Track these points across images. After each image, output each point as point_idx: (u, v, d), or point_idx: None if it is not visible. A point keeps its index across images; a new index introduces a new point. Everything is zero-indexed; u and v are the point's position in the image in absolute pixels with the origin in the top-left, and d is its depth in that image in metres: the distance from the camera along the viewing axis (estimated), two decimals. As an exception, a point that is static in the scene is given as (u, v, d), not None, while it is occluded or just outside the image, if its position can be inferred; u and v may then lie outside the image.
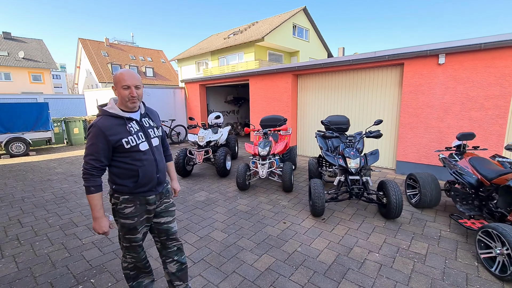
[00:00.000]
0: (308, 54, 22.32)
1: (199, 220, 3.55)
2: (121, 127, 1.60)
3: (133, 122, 1.67)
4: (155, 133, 1.79)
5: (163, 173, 1.81)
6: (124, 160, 1.63)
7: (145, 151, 1.68)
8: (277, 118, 5.29)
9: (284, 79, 6.92)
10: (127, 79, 1.58)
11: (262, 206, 3.98)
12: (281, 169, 4.55)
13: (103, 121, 1.57)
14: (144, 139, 1.68)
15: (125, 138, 1.59)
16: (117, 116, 1.62)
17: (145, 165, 1.67)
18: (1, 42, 26.86)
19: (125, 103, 1.62)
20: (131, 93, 1.60)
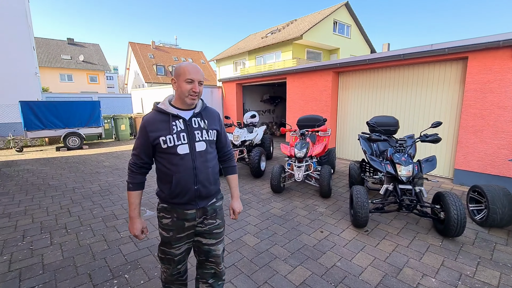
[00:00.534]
0: (349, 51, 21.19)
1: (231, 222, 3.45)
2: (164, 124, 1.45)
3: (179, 121, 1.48)
4: (202, 136, 1.52)
5: (205, 186, 1.52)
6: (162, 162, 1.48)
7: (183, 155, 1.45)
8: (316, 118, 4.98)
9: (324, 77, 6.55)
10: (192, 73, 1.42)
11: (297, 211, 3.75)
12: (319, 173, 4.25)
13: (150, 115, 1.48)
14: (185, 141, 1.46)
15: (163, 137, 1.43)
16: (164, 112, 1.48)
17: (181, 172, 1.46)
18: (65, 47, 30.38)
19: (183, 98, 1.46)
20: (194, 88, 1.44)
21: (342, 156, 6.82)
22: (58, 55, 28.77)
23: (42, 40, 29.02)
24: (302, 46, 18.73)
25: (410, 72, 5.28)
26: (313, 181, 4.40)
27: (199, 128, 1.53)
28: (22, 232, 3.18)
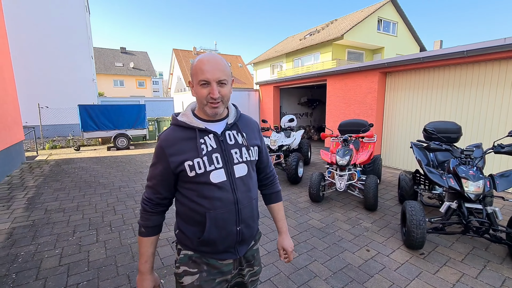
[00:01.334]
0: (395, 50, 19.71)
1: (267, 231, 3.29)
2: (189, 143, 1.04)
3: (209, 137, 1.06)
4: (242, 156, 1.10)
5: (249, 225, 1.12)
6: (189, 195, 1.06)
7: (219, 184, 1.04)
8: (360, 123, 4.60)
9: (369, 78, 6.07)
10: (206, 70, 0.99)
11: (338, 224, 3.44)
12: (363, 183, 3.88)
13: (168, 133, 1.07)
14: (220, 165, 1.05)
15: (189, 161, 1.02)
16: (187, 127, 1.07)
17: (217, 209, 1.04)
18: (119, 55, 33.46)
19: (202, 107, 1.05)
20: (211, 93, 1.00)
21: (388, 165, 6.24)
22: (112, 63, 31.81)
23: (99, 49, 32.35)
24: (343, 46, 17.93)
25: (475, 71, 4.59)
26: (357, 192, 4.04)
27: (237, 145, 1.11)
28: (73, 228, 3.41)
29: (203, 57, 1.02)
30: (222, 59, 1.04)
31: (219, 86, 1.01)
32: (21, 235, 3.19)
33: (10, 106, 6.53)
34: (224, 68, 1.03)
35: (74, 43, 13.83)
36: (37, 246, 2.94)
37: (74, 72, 13.81)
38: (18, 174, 6.08)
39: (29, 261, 2.65)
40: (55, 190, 4.90)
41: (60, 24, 13.33)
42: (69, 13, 13.63)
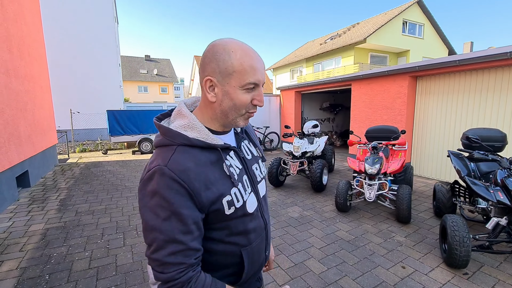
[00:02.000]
0: (422, 53, 18.91)
1: (292, 241, 3.17)
2: (215, 169, 0.76)
3: (230, 155, 0.82)
4: (261, 171, 0.94)
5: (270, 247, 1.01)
6: (217, 237, 0.79)
7: (254, 213, 0.85)
8: (390, 129, 4.37)
9: (398, 82, 5.80)
10: (259, 69, 0.73)
11: (369, 237, 3.25)
12: (395, 193, 3.66)
13: (178, 159, 0.70)
14: (250, 189, 0.85)
15: (227, 195, 0.75)
16: (205, 146, 0.75)
17: (252, 242, 0.84)
18: (143, 63, 34.94)
19: (231, 118, 0.78)
20: (258, 100, 0.76)
21: (419, 174, 5.88)
22: (137, 70, 33.25)
23: (126, 57, 33.97)
24: (365, 50, 17.47)
25: (518, 74, 4.23)
26: (387, 202, 3.81)
27: (254, 159, 0.92)
28: (102, 230, 3.49)
29: (244, 46, 0.73)
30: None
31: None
32: (54, 236, 3.31)
33: (46, 112, 6.95)
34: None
35: (103, 52, 14.60)
36: (68, 248, 3.03)
37: (103, 79, 14.54)
38: (52, 176, 6.41)
39: (61, 263, 2.73)
40: (85, 193, 5.09)
41: (91, 34, 14.14)
42: (100, 24, 14.43)
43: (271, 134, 9.93)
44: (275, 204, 4.41)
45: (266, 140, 9.78)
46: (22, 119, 5.15)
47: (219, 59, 0.71)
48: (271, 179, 5.14)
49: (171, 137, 0.74)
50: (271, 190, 5.13)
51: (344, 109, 11.20)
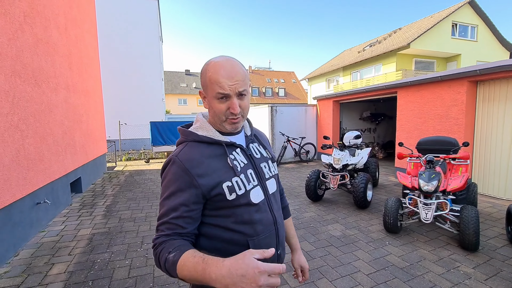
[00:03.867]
0: (475, 57, 17.12)
1: (336, 264, 2.88)
2: (219, 161, 0.89)
3: (236, 151, 0.94)
4: (270, 169, 1.03)
5: (284, 247, 1.02)
6: (223, 224, 0.88)
7: (260, 204, 0.92)
8: (448, 141, 3.86)
9: (454, 88, 5.19)
10: (224, 81, 0.82)
11: (427, 265, 2.81)
12: (457, 214, 3.16)
13: (188, 150, 0.88)
14: (256, 182, 0.93)
15: (227, 181, 0.86)
16: (212, 142, 0.91)
17: (259, 234, 0.90)
18: (183, 77, 37.20)
19: (219, 123, 0.91)
20: (231, 109, 0.85)
21: (484, 192, 5.10)
22: (178, 84, 35.46)
23: (168, 72, 36.49)
24: (409, 56, 16.36)
25: None
26: (448, 225, 3.30)
27: (264, 159, 1.02)
28: (141, 238, 3.56)
29: (217, 63, 0.85)
30: (239, 63, 0.88)
31: (239, 99, 0.87)
32: (99, 241, 3.46)
33: (98, 123, 7.59)
34: (244, 76, 0.86)
35: (149, 68, 15.81)
36: (111, 254, 3.12)
37: (147, 93, 15.68)
38: (100, 182, 6.90)
39: (104, 270, 2.79)
40: (128, 199, 5.34)
41: (139, 53, 15.45)
42: (146, 43, 15.72)
43: (307, 145, 9.61)
44: (314, 220, 4.13)
45: (302, 151, 9.48)
46: (78, 130, 5.65)
47: (201, 75, 0.89)
48: (309, 193, 4.87)
49: (185, 135, 0.94)
50: (309, 205, 4.84)
51: (386, 119, 10.46)
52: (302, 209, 4.61)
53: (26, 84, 3.59)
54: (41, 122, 3.98)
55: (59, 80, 4.78)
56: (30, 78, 3.72)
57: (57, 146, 4.53)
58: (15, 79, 3.33)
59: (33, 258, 3.03)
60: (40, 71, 4.02)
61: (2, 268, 2.81)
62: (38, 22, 4.04)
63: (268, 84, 35.14)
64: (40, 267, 2.84)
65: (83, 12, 6.50)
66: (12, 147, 3.17)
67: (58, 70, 4.73)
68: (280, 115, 9.27)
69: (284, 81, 36.83)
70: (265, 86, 34.18)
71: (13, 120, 3.24)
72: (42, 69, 4.11)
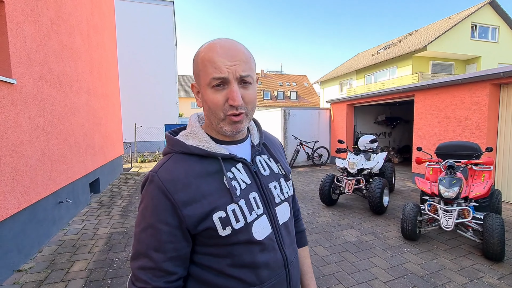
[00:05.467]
0: (497, 59, 16.50)
1: (351, 270, 2.82)
2: (212, 181, 0.67)
3: (237, 168, 0.71)
4: (283, 190, 0.78)
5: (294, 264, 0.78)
6: (216, 266, 0.67)
7: (265, 243, 0.69)
8: (470, 146, 3.72)
9: (475, 91, 5.02)
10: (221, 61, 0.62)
11: (448, 274, 2.71)
12: (481, 222, 3.04)
13: (170, 167, 0.66)
14: (261, 210, 0.70)
15: (219, 211, 0.64)
16: (202, 155, 0.68)
17: (264, 282, 0.68)
18: (196, 81, 37.78)
19: (216, 123, 0.68)
20: (230, 99, 0.63)
21: (508, 200, 4.88)
22: (191, 88, 36.07)
23: (182, 76, 37.20)
24: (426, 58, 15.96)
25: None
26: (470, 233, 3.18)
27: (274, 176, 0.77)
28: (157, 239, 3.62)
29: (213, 42, 0.65)
30: (241, 44, 0.67)
31: (241, 88, 0.64)
32: (117, 240, 3.55)
33: (116, 125, 7.83)
34: (248, 57, 0.65)
35: (163, 72, 16.18)
36: (128, 253, 3.19)
37: (162, 97, 16.03)
38: (117, 183, 7.10)
39: (122, 268, 2.86)
40: (143, 201, 5.45)
41: (154, 57, 15.86)
42: (162, 48, 16.12)
43: (320, 149, 9.52)
44: (329, 225, 4.07)
45: (315, 155, 9.40)
46: (97, 132, 5.85)
47: (194, 62, 0.68)
48: (323, 197, 4.81)
49: (171, 145, 0.72)
50: (323, 209, 4.79)
51: (402, 123, 10.22)
52: (316, 214, 4.56)
53: (51, 88, 3.77)
54: (64, 124, 4.16)
55: (81, 84, 4.98)
56: (55, 82, 3.91)
57: (78, 147, 4.71)
58: (42, 83, 3.50)
59: (55, 255, 3.15)
60: (64, 76, 4.21)
61: (27, 264, 2.94)
62: (63, 29, 4.24)
63: (280, 87, 35.12)
64: (62, 264, 2.95)
65: (104, 19, 6.77)
66: (38, 148, 3.33)
67: (80, 75, 4.93)
68: (293, 118, 9.25)
69: (296, 84, 36.71)
70: (277, 90, 34.16)
71: (40, 123, 3.41)
72: (66, 73, 4.30)
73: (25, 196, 2.97)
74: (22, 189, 2.92)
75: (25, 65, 3.11)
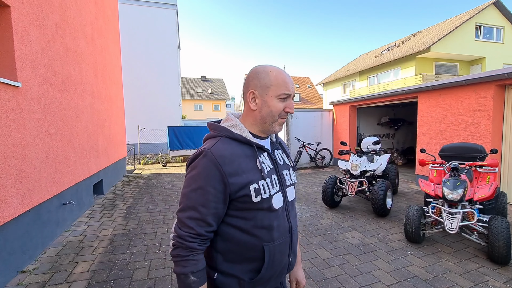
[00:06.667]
0: (502, 60, 16.35)
1: (354, 273, 2.80)
2: (249, 161, 0.91)
3: (264, 155, 0.97)
4: (291, 177, 1.06)
5: (295, 254, 1.07)
6: (244, 226, 0.90)
7: (279, 211, 0.95)
8: (475, 148, 3.69)
9: (479, 92, 4.97)
10: (289, 82, 0.92)
11: (452, 277, 2.68)
12: (486, 225, 3.00)
13: (221, 146, 0.89)
14: (278, 188, 0.96)
15: (254, 183, 0.88)
16: (244, 142, 0.93)
17: (275, 240, 0.93)
18: (199, 83, 37.95)
19: (269, 123, 0.94)
20: (289, 108, 0.93)
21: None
22: (194, 89, 36.21)
23: (184, 78, 37.40)
24: (429, 59, 15.86)
25: None
26: (475, 236, 3.13)
27: (286, 166, 1.05)
28: (160, 240, 3.64)
29: (278, 68, 0.94)
30: None
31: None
32: (119, 242, 3.56)
33: (120, 128, 7.89)
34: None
35: (167, 75, 16.29)
36: (131, 255, 3.20)
37: (165, 99, 16.13)
38: (120, 185, 7.14)
39: (124, 270, 2.87)
40: (147, 202, 5.48)
41: (157, 59, 15.98)
42: (165, 51, 16.25)
43: (323, 150, 9.49)
44: (331, 227, 4.05)
45: (318, 156, 9.37)
46: (101, 134, 5.90)
47: (260, 77, 0.92)
48: (326, 199, 4.79)
49: (218, 130, 0.94)
50: (325, 211, 4.76)
51: (406, 124, 10.15)
52: (318, 216, 4.53)
53: (56, 91, 3.82)
54: (68, 126, 4.20)
55: (85, 87, 5.03)
56: (60, 85, 3.95)
57: (82, 149, 4.75)
58: (46, 86, 3.55)
59: (59, 256, 3.17)
60: (68, 78, 4.26)
61: (31, 265, 2.96)
62: (68, 33, 4.29)
63: (283, 89, 35.18)
64: (65, 265, 2.97)
65: (108, 22, 6.85)
66: (42, 150, 3.37)
67: (84, 77, 4.99)
68: (295, 120, 9.23)
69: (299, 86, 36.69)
70: (279, 91, 34.23)
71: (44, 125, 3.45)
72: (71, 76, 4.35)
73: (29, 198, 3.00)
74: (26, 190, 2.95)
75: (30, 68, 3.16)
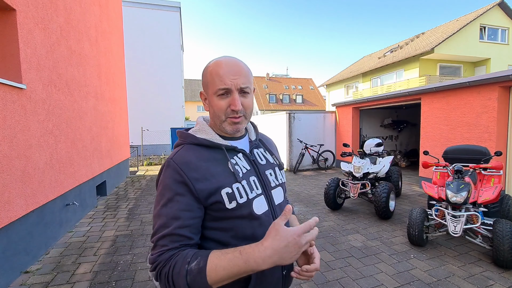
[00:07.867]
0: (506, 61, 16.22)
1: (356, 276, 2.78)
2: (218, 165, 0.81)
3: (238, 156, 0.87)
4: (277, 177, 0.94)
5: (292, 266, 0.84)
6: (221, 238, 0.79)
7: (262, 217, 0.82)
8: (478, 150, 3.65)
9: (483, 94, 4.93)
10: (225, 75, 0.79)
11: (456, 281, 2.65)
12: (490, 228, 2.96)
13: (184, 153, 0.81)
14: (260, 190, 0.85)
15: (226, 187, 0.78)
16: (210, 146, 0.84)
17: None
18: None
19: (219, 124, 0.85)
20: (232, 105, 0.80)
21: (517, 205, 4.74)
22: (197, 91, 36.39)
23: (188, 80, 37.62)
24: (433, 61, 15.77)
25: None
26: (479, 239, 3.10)
27: (270, 165, 0.94)
28: (162, 242, 3.64)
29: (219, 60, 0.83)
30: (242, 61, 0.85)
31: (241, 96, 0.82)
32: (122, 243, 3.58)
33: (123, 129, 7.94)
34: (247, 72, 0.84)
35: (170, 77, 16.39)
36: (133, 256, 3.21)
37: (168, 101, 16.22)
38: (123, 186, 7.17)
39: (126, 271, 2.88)
40: (149, 203, 5.50)
41: (161, 61, 16.09)
42: (168, 53, 16.35)
43: (325, 152, 9.46)
44: (333, 229, 4.03)
45: (320, 158, 9.34)
46: (104, 135, 5.95)
47: (203, 74, 0.86)
48: (328, 201, 4.77)
49: (183, 138, 0.88)
50: (328, 213, 4.74)
51: (409, 126, 10.09)
52: (320, 218, 4.51)
53: (60, 93, 3.86)
54: (72, 128, 4.24)
55: (89, 89, 5.08)
56: (64, 87, 4.00)
57: (86, 151, 4.79)
58: (51, 88, 3.59)
59: (62, 257, 3.19)
60: (72, 81, 4.31)
61: (34, 265, 2.99)
62: (72, 35, 4.35)
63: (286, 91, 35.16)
64: (68, 266, 2.99)
65: (112, 25, 6.92)
66: (46, 151, 3.40)
67: (88, 80, 5.04)
68: (298, 122, 9.22)
69: (302, 87, 36.70)
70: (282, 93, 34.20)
71: (48, 127, 3.48)
72: (75, 78, 4.40)
73: (33, 199, 3.03)
74: (30, 191, 2.98)
75: (35, 70, 3.20)
